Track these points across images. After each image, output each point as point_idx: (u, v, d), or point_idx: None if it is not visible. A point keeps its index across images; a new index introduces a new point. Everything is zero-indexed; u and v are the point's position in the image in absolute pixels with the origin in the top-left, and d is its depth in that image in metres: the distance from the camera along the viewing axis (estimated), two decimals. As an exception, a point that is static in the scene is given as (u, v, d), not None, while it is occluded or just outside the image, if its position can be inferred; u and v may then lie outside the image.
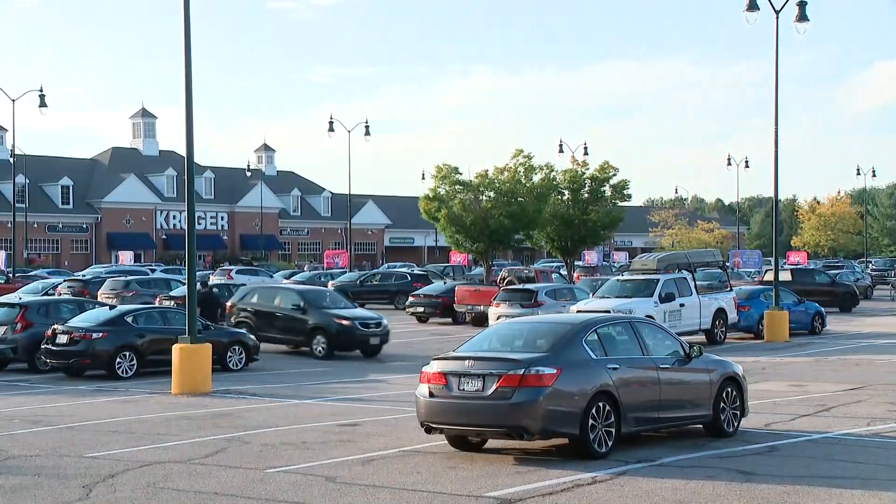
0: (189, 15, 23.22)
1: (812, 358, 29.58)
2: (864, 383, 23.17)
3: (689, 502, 11.83)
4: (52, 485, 13.26)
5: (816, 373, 25.45)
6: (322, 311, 32.01)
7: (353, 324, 31.26)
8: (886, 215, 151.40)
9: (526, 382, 14.15)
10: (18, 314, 28.21)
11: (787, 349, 32.08)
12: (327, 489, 12.78)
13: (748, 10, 34.81)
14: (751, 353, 29.02)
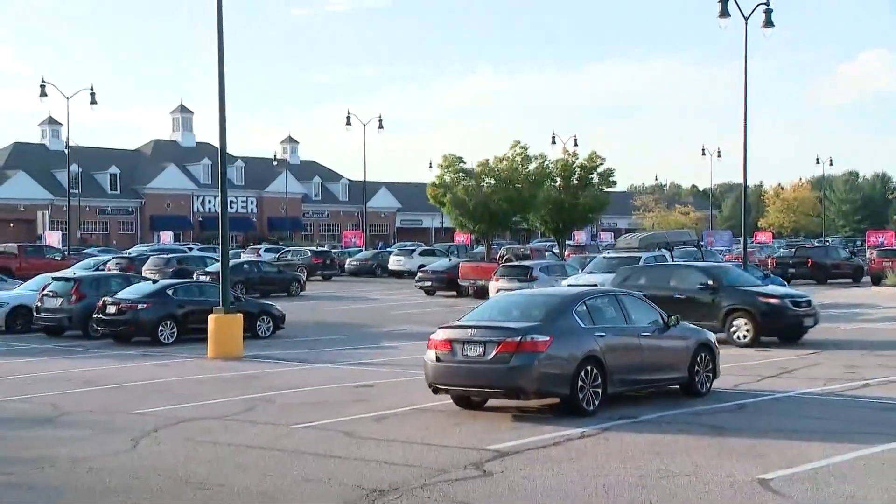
0: (222, 22, 23.28)
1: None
2: (822, 347, 23.18)
3: (666, 454, 11.83)
4: (103, 437, 13.37)
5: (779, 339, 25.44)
6: (738, 289, 25.02)
7: (784, 302, 24.47)
8: (842, 199, 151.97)
9: (522, 348, 14.16)
10: (73, 287, 28.35)
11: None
12: (346, 442, 12.81)
13: (720, 17, 35.09)
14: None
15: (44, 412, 15.60)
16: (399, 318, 33.31)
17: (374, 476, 10.82)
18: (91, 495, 10.28)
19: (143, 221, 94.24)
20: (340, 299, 43.61)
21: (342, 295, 46.37)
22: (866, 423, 14.07)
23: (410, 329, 28.29)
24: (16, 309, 29.61)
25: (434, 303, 40.29)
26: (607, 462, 11.47)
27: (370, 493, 10.06)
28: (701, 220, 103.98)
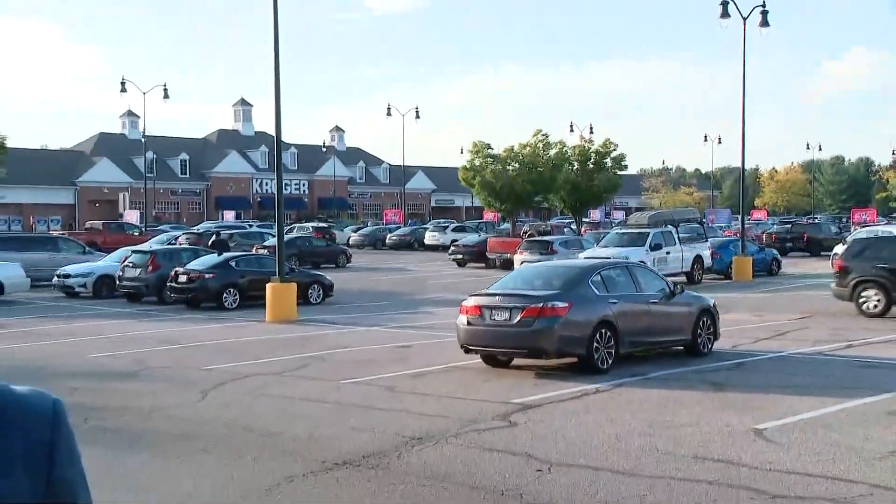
0: (277, 25, 23.30)
1: (770, 293, 29.41)
2: (811, 313, 23.02)
3: (671, 407, 11.82)
4: (178, 389, 13.53)
5: (773, 305, 25.30)
6: None
7: None
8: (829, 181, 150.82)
9: (544, 313, 14.17)
10: (149, 259, 28.61)
11: (751, 287, 31.89)
12: (387, 396, 12.88)
13: (721, 17, 34.99)
14: (722, 290, 28.85)
15: (128, 367, 15.78)
16: (434, 286, 33.35)
17: (413, 425, 10.88)
18: (167, 439, 10.42)
19: (209, 202, 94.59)
20: (382, 270, 43.72)
21: (383, 266, 46.49)
22: (849, 379, 14.00)
23: (444, 296, 28.35)
24: (101, 277, 29.98)
25: (465, 273, 40.32)
26: (619, 414, 11.49)
27: (409, 441, 10.12)
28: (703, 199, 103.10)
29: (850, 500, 7.85)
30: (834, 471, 8.75)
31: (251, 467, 9.20)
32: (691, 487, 8.26)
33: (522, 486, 8.33)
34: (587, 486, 8.36)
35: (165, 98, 59.95)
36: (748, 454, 9.41)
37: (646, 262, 26.34)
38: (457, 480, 8.57)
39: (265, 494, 8.25)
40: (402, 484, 8.50)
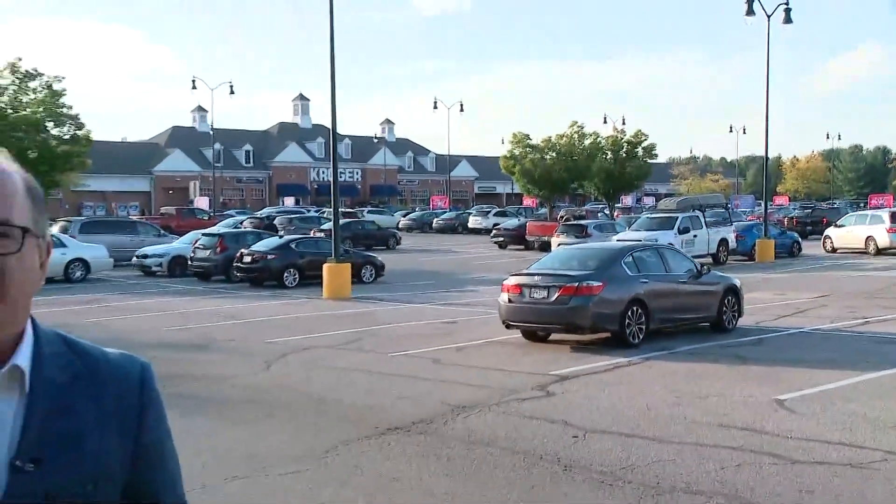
0: (333, 25, 23.35)
1: (791, 274, 29.01)
2: (829, 292, 22.68)
3: (698, 378, 11.74)
4: (244, 360, 13.66)
5: (794, 285, 24.96)
6: None
7: None
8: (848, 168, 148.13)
9: (579, 292, 14.13)
10: (218, 241, 28.89)
11: (773, 268, 31.49)
12: (433, 367, 12.93)
13: (747, 15, 34.54)
14: (746, 270, 28.52)
15: (199, 339, 15.97)
16: (477, 267, 33.35)
17: (457, 395, 10.92)
18: (234, 405, 10.56)
19: (271, 189, 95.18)
20: (429, 252, 43.77)
21: (430, 248, 46.54)
22: (865, 353, 13.78)
23: (486, 276, 28.34)
24: (175, 258, 30.34)
25: (506, 255, 40.26)
26: (649, 385, 11.43)
27: (454, 409, 10.16)
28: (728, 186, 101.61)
29: (867, 466, 7.76)
30: (851, 438, 8.65)
31: (311, 431, 9.30)
32: (717, 453, 8.21)
33: (560, 451, 8.34)
34: (619, 451, 8.34)
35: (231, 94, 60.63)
36: (770, 423, 9.33)
37: (674, 244, 26.14)
38: (499, 445, 8.59)
39: (324, 456, 8.34)
40: (448, 448, 8.54)
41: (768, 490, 7.14)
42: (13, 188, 1.49)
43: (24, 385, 1.48)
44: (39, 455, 1.46)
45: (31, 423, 1.47)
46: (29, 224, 1.48)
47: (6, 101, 38.83)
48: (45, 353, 1.53)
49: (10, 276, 1.44)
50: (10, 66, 38.85)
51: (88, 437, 1.52)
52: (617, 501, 6.91)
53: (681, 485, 7.29)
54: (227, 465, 7.90)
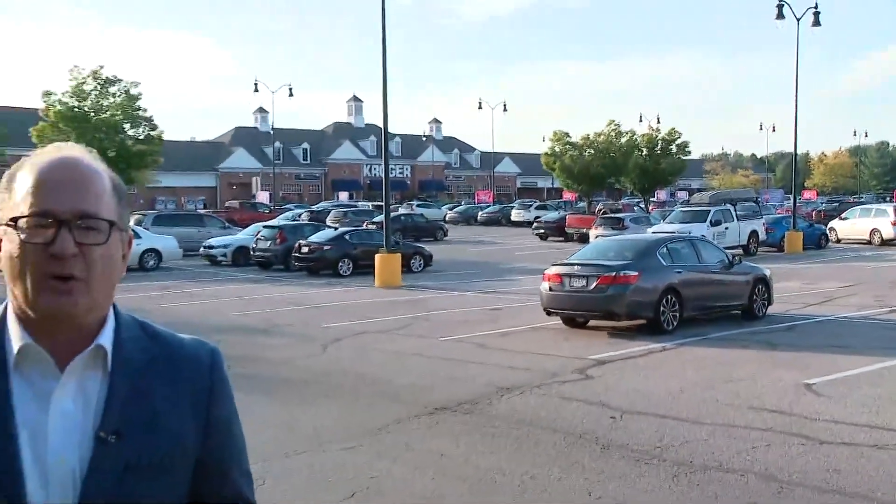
0: (385, 31, 23.37)
1: (819, 264, 28.51)
2: (856, 282, 22.26)
3: (729, 363, 11.61)
4: (303, 344, 13.76)
5: (822, 275, 24.53)
6: None
7: None
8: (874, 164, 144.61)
9: (617, 281, 14.04)
10: (278, 233, 29.13)
11: (801, 259, 30.98)
12: (479, 351, 12.94)
13: (777, 18, 33.99)
14: (775, 261, 28.08)
15: (261, 324, 16.08)
16: (520, 257, 33.26)
17: (501, 377, 10.92)
18: (294, 385, 10.65)
19: (326, 184, 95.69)
20: (474, 243, 43.74)
21: (475, 240, 46.50)
22: (892, 340, 13.54)
23: (528, 266, 28.27)
24: (238, 248, 30.59)
25: (546, 246, 40.10)
26: (683, 369, 11.33)
27: (499, 390, 10.17)
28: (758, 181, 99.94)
29: (892, 447, 7.63)
30: (877, 420, 8.51)
31: (365, 410, 9.36)
32: (747, 434, 8.12)
33: (597, 431, 8.31)
34: (654, 431, 8.29)
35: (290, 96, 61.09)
36: (799, 406, 9.20)
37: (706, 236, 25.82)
38: (540, 425, 8.59)
39: (377, 433, 8.40)
40: (493, 427, 8.55)
41: (797, 469, 7.05)
42: (102, 185, 1.52)
43: (106, 364, 1.52)
44: (120, 428, 1.50)
45: (113, 398, 1.51)
46: (115, 218, 1.52)
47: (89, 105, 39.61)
48: (125, 336, 1.57)
49: (97, 266, 1.48)
50: (93, 74, 39.62)
51: (163, 413, 1.56)
52: (652, 478, 6.87)
53: (713, 463, 7.23)
54: (288, 441, 7.99)
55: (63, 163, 1.51)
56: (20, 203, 1.47)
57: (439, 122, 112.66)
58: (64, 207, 1.46)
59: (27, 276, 1.45)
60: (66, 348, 1.49)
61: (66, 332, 1.49)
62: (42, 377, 1.48)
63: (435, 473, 7.12)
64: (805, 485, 6.68)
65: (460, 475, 7.07)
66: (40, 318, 1.48)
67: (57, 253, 1.44)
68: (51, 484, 1.45)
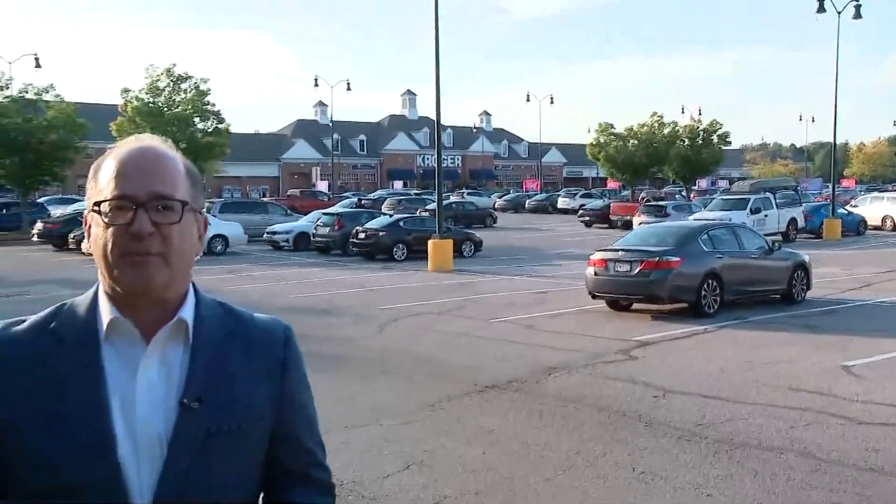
0: (438, 27, 23.33)
1: (857, 251, 27.85)
2: (894, 268, 21.68)
3: (769, 346, 11.42)
4: (361, 324, 13.83)
5: (861, 260, 23.96)
6: None
7: None
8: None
9: (659, 266, 13.89)
10: (336, 219, 29.33)
11: (840, 245, 30.30)
12: (527, 332, 12.91)
13: (818, 12, 33.17)
14: (814, 247, 27.49)
15: (322, 305, 16.21)
16: (566, 243, 33.06)
17: (548, 357, 10.88)
18: (353, 362, 10.72)
19: (382, 174, 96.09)
20: (522, 230, 43.60)
21: (523, 227, 46.35)
22: (931, 326, 13.18)
23: (574, 252, 28.10)
24: (300, 234, 30.87)
25: (591, 233, 39.80)
26: (724, 351, 11.18)
27: (546, 369, 10.14)
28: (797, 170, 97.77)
29: (930, 430, 7.43)
30: (915, 404, 8.30)
31: (419, 387, 9.41)
32: (787, 413, 7.99)
33: (641, 409, 8.24)
34: (696, 409, 8.20)
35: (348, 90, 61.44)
36: (837, 387, 9.02)
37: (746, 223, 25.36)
38: (586, 403, 8.55)
39: (431, 408, 8.44)
40: (540, 404, 8.53)
41: (836, 448, 6.92)
42: (175, 169, 1.57)
43: (188, 336, 1.56)
44: (202, 396, 1.53)
45: (194, 368, 1.55)
46: (188, 199, 1.56)
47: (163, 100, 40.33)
48: (205, 311, 1.61)
49: (172, 243, 1.52)
50: (167, 71, 40.32)
51: (240, 383, 1.59)
52: (693, 455, 6.80)
53: (753, 441, 7.13)
54: (347, 415, 8.08)
55: (140, 151, 1.55)
56: (104, 189, 1.53)
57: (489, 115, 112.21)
58: (140, 191, 1.50)
59: (111, 254, 1.50)
60: (151, 322, 1.54)
61: (149, 307, 1.54)
62: (130, 348, 1.53)
63: (485, 448, 7.13)
64: (843, 463, 6.55)
65: (509, 450, 7.07)
66: (124, 293, 1.52)
67: (135, 232, 1.48)
68: (140, 448, 1.49)
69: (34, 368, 1.50)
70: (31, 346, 1.52)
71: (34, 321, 1.56)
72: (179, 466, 1.50)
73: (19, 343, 1.53)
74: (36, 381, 1.49)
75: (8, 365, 1.50)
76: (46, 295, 17.17)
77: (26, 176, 38.34)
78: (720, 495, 5.91)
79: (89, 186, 1.57)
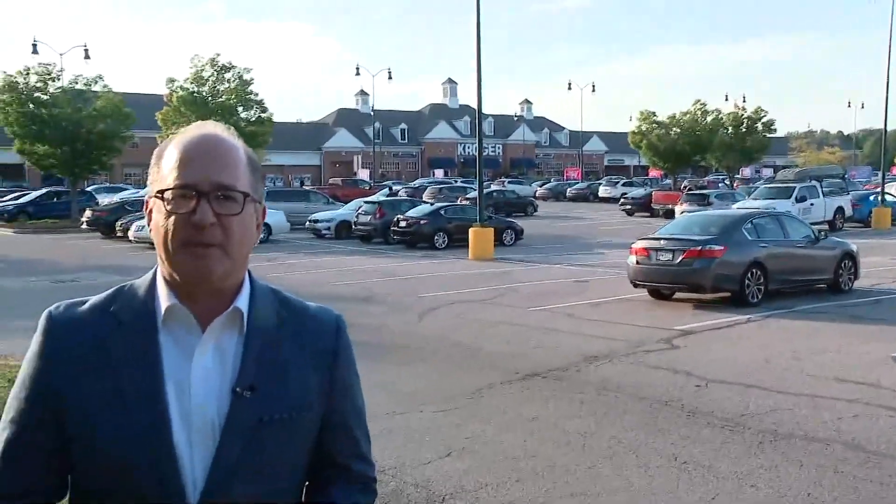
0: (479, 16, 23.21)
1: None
2: (947, 259, 21.16)
3: (815, 336, 11.21)
4: (401, 312, 13.87)
5: (911, 251, 23.41)
6: None
7: None
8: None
9: (702, 255, 13.71)
10: (377, 208, 29.41)
11: (889, 234, 29.61)
12: (568, 321, 12.83)
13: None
14: (862, 237, 26.90)
15: (362, 292, 16.27)
16: (606, 232, 32.79)
17: (589, 346, 10.81)
18: (394, 350, 10.74)
19: (423, 162, 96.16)
20: (563, 218, 43.34)
21: (564, 215, 46.07)
22: (984, 317, 12.81)
23: (615, 240, 27.85)
24: (341, 223, 31.03)
25: (633, 221, 39.43)
26: (768, 340, 11.00)
27: (587, 358, 10.07)
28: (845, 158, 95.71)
29: (983, 423, 7.23)
30: (967, 396, 8.08)
31: (459, 375, 9.41)
32: (833, 404, 7.83)
33: (683, 398, 8.14)
34: (739, 399, 8.08)
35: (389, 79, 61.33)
36: (886, 378, 8.82)
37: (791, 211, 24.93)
38: (627, 392, 8.47)
39: (471, 396, 8.44)
40: (581, 393, 8.48)
41: (885, 440, 6.77)
42: (238, 158, 1.56)
43: (242, 325, 1.57)
44: (254, 384, 1.54)
45: (248, 356, 1.56)
46: (249, 190, 1.55)
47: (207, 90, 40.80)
48: (259, 301, 1.62)
49: (233, 234, 1.52)
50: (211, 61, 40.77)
51: (292, 372, 1.60)
52: (737, 445, 6.70)
53: (798, 432, 7.00)
54: (389, 402, 8.11)
55: (204, 139, 1.55)
56: (167, 176, 1.52)
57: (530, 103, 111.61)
58: (203, 180, 1.50)
59: (171, 242, 1.50)
60: (207, 310, 1.55)
61: (206, 295, 1.55)
62: (186, 335, 1.54)
63: (526, 435, 7.10)
64: (893, 456, 6.40)
65: (550, 437, 7.03)
66: (183, 282, 1.53)
67: (197, 222, 1.48)
68: (193, 434, 1.51)
69: (95, 349, 1.52)
70: (92, 327, 1.54)
71: (95, 302, 1.59)
72: (231, 453, 1.51)
73: (82, 324, 1.55)
74: (96, 361, 1.52)
75: (71, 345, 1.53)
76: (95, 282, 17.50)
77: (76, 165, 39.06)
78: (765, 486, 5.82)
79: (151, 172, 1.57)
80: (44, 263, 22.31)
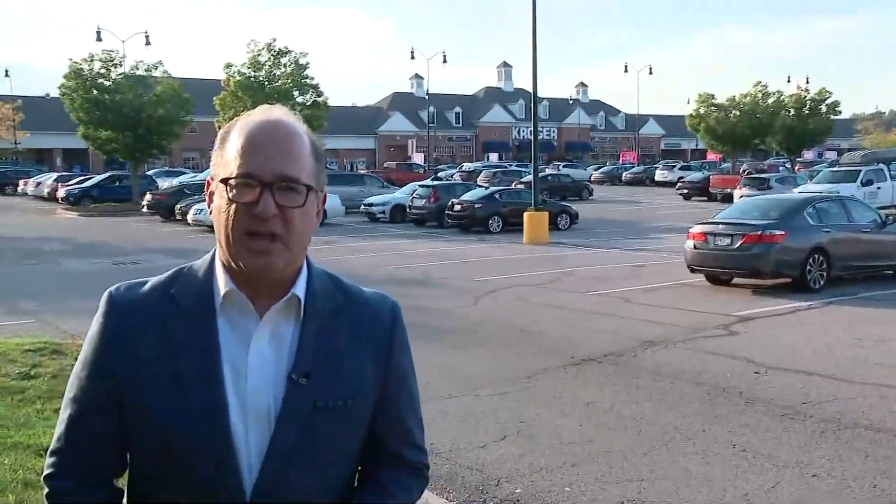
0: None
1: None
2: None
3: (880, 323, 10.93)
4: (457, 295, 13.90)
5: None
6: None
7: None
8: None
9: (762, 240, 13.46)
10: (432, 191, 29.47)
11: (959, 220, 28.62)
12: (624, 305, 12.73)
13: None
14: (930, 222, 26.09)
15: (419, 276, 16.32)
16: (663, 216, 32.36)
17: (645, 331, 10.72)
18: (449, 333, 10.73)
19: (477, 146, 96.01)
20: (618, 203, 42.88)
21: (620, 199, 45.57)
22: None
23: (672, 225, 27.48)
24: (396, 206, 31.18)
25: (690, 206, 38.83)
26: (830, 328, 10.77)
27: (642, 343, 9.99)
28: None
29: None
30: None
31: (515, 358, 9.42)
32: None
33: (742, 385, 8.04)
34: (800, 387, 7.94)
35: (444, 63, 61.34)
36: (954, 368, 8.57)
37: (856, 195, 24.29)
38: (684, 378, 8.39)
39: (527, 380, 8.45)
40: (637, 378, 8.42)
41: (952, 432, 6.59)
42: (302, 149, 1.55)
43: (299, 312, 1.58)
44: (310, 371, 1.55)
45: (304, 343, 1.56)
46: (312, 182, 1.55)
47: (263, 74, 41.29)
48: (317, 287, 1.62)
49: (295, 226, 1.52)
50: (267, 46, 41.25)
51: (347, 359, 1.60)
52: (798, 433, 6.60)
53: (863, 422, 6.86)
54: (445, 385, 8.17)
55: (269, 125, 1.53)
56: (231, 162, 1.51)
57: (585, 86, 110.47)
58: (267, 171, 1.49)
59: (232, 231, 1.50)
60: (265, 295, 1.55)
61: (265, 283, 1.55)
62: (243, 320, 1.55)
63: (582, 420, 7.09)
64: (960, 447, 6.24)
65: (606, 423, 7.02)
66: (242, 272, 1.54)
67: (259, 213, 1.48)
68: (249, 418, 1.52)
69: (154, 330, 1.53)
70: (152, 308, 1.55)
71: (155, 283, 1.60)
72: (286, 440, 1.52)
73: (142, 305, 1.56)
74: (155, 342, 1.53)
75: (131, 326, 1.54)
76: (154, 265, 17.90)
77: (137, 149, 39.96)
78: (827, 476, 5.73)
79: (215, 155, 1.57)
80: (106, 246, 22.91)
